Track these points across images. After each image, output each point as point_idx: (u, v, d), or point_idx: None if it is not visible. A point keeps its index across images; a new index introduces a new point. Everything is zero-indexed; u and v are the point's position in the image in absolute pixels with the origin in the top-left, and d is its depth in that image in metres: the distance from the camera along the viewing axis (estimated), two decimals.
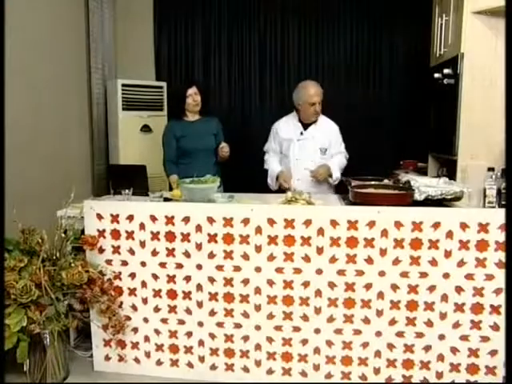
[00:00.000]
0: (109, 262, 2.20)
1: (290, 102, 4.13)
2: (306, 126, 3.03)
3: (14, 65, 2.68)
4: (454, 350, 2.04)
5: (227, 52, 4.19)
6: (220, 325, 2.18)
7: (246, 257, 2.10)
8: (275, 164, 3.09)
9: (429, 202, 2.09)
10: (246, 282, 2.12)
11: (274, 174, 3.04)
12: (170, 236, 2.14)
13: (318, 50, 4.11)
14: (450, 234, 1.96)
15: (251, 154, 3.99)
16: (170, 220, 2.13)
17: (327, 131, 3.05)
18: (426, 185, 2.15)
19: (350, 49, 4.08)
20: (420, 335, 2.05)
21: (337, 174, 2.96)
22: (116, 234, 2.19)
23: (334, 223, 2.02)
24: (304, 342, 2.12)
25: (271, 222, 2.06)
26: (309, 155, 2.99)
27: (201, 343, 2.21)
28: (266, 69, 4.17)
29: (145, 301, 2.22)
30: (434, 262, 1.99)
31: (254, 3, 4.11)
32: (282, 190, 3.07)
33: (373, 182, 2.45)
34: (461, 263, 1.98)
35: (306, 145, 3.01)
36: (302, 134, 3.02)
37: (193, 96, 3.11)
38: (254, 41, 4.16)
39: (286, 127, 3.07)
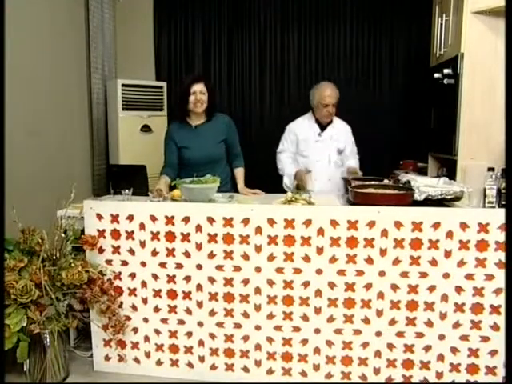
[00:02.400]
0: (109, 262, 2.20)
1: (290, 103, 4.18)
2: (322, 127, 3.05)
3: (14, 65, 2.68)
4: (453, 350, 2.04)
5: (227, 52, 4.19)
6: (220, 325, 2.17)
7: (245, 257, 2.10)
8: (291, 165, 3.06)
9: (429, 202, 2.09)
10: (245, 282, 2.12)
11: (291, 174, 3.00)
12: (170, 236, 2.14)
13: (317, 50, 4.11)
14: (450, 234, 1.96)
15: (251, 153, 3.99)
16: (169, 220, 2.13)
17: (343, 132, 3.10)
18: (426, 185, 2.15)
19: (349, 48, 4.07)
20: (420, 335, 2.05)
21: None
22: (116, 234, 2.19)
23: (333, 223, 2.02)
24: (304, 342, 2.12)
25: (271, 222, 2.06)
26: (327, 156, 3.04)
27: (201, 343, 2.21)
28: (266, 69, 4.17)
29: (145, 301, 2.21)
30: (433, 262, 1.99)
31: (254, 3, 4.11)
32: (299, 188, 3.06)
33: (373, 182, 2.44)
34: (461, 263, 1.98)
35: (324, 145, 3.05)
36: (319, 135, 3.04)
37: (197, 94, 2.67)
38: (254, 41, 4.16)
39: (302, 128, 3.07)
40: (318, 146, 3.03)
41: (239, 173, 2.93)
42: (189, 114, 2.79)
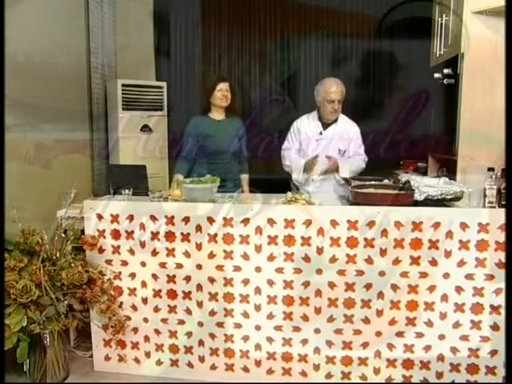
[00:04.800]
0: (109, 262, 2.20)
1: (290, 103, 4.19)
2: (326, 126, 2.96)
3: (13, 65, 2.68)
4: (453, 350, 2.04)
5: (227, 52, 4.20)
6: (220, 325, 2.17)
7: (245, 257, 2.10)
8: (297, 157, 2.98)
9: (429, 202, 2.09)
10: (246, 282, 2.12)
11: (300, 165, 2.92)
12: (170, 236, 2.14)
13: (317, 50, 4.11)
14: (449, 234, 1.96)
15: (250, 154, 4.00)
16: (170, 220, 2.13)
17: (347, 132, 2.98)
18: (426, 185, 2.15)
19: (349, 48, 4.08)
20: (420, 335, 2.05)
21: (343, 174, 2.80)
22: (116, 234, 2.19)
23: (333, 223, 2.02)
24: (304, 342, 2.12)
25: (271, 221, 2.06)
26: (326, 155, 2.92)
27: (201, 343, 2.21)
28: (266, 69, 4.18)
29: (145, 301, 2.21)
30: (433, 262, 1.99)
31: (254, 3, 4.11)
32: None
33: (373, 182, 2.44)
34: (461, 263, 1.98)
35: (325, 145, 2.95)
36: (321, 133, 2.96)
37: (223, 91, 2.92)
38: (254, 40, 4.16)
39: (306, 125, 2.99)
40: (317, 145, 2.96)
41: (244, 180, 3.07)
42: (211, 109, 2.99)
